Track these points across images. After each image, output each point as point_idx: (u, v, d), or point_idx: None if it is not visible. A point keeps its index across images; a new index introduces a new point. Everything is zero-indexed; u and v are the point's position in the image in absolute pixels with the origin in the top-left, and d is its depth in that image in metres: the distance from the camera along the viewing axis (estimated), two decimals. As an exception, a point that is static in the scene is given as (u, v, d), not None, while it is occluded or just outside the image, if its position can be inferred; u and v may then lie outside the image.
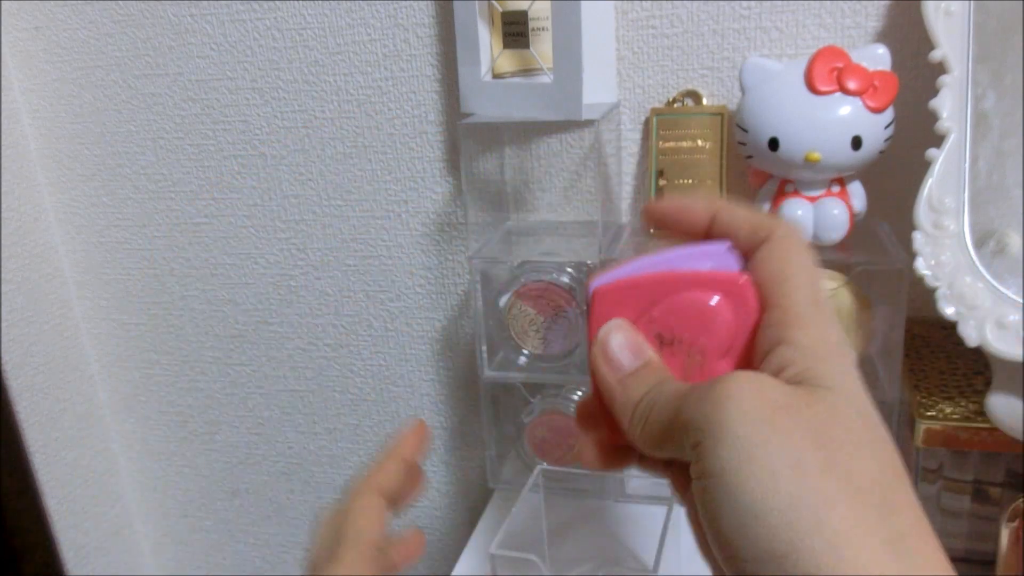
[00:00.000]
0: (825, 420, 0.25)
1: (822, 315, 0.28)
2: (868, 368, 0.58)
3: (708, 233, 0.30)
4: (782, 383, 0.26)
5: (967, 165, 0.48)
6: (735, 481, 0.24)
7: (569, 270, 0.61)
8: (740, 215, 0.29)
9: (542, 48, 0.59)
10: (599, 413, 0.31)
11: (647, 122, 0.64)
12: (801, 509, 0.24)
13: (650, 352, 0.29)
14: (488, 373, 0.63)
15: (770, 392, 0.25)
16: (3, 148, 0.77)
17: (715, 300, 0.28)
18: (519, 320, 0.62)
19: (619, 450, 0.31)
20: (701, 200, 0.30)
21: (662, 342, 0.29)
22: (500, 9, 0.59)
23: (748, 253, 0.29)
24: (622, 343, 0.29)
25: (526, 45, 0.59)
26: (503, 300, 0.62)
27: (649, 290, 0.29)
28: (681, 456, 0.27)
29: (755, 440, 0.24)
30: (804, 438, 0.25)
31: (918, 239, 0.48)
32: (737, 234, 0.29)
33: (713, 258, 0.29)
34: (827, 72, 0.52)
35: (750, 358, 0.28)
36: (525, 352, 0.63)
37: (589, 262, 0.60)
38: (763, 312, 0.28)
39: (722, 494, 0.25)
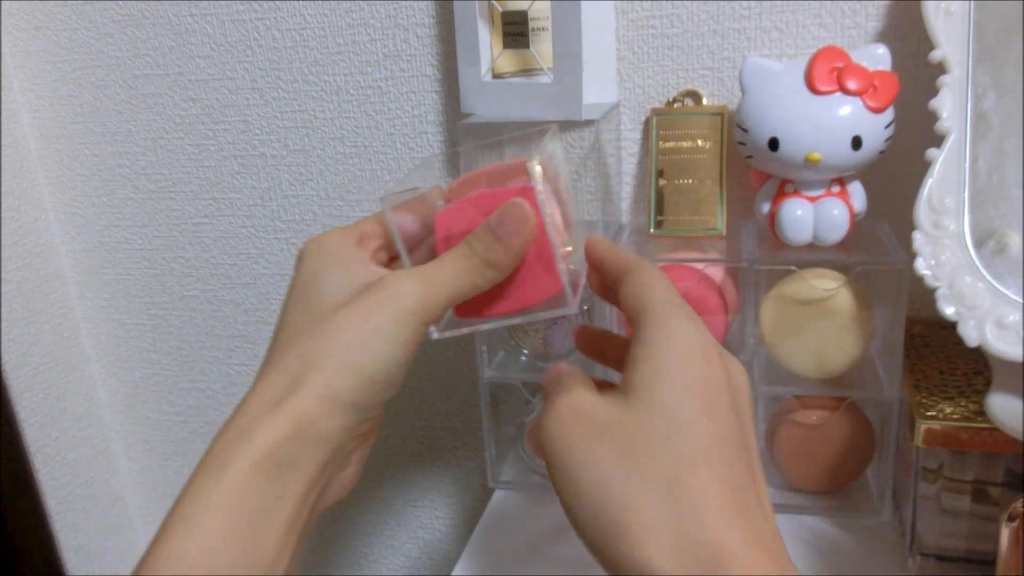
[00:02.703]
0: (630, 433, 0.30)
1: (673, 317, 0.32)
2: (868, 368, 0.58)
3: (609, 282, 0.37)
4: (603, 401, 0.32)
5: (967, 165, 0.48)
6: (561, 495, 0.31)
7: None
8: (611, 256, 0.37)
9: (542, 48, 0.59)
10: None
11: (647, 122, 0.64)
12: (603, 518, 0.29)
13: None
14: (488, 373, 0.63)
15: (587, 417, 0.31)
16: (3, 148, 0.77)
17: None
18: (519, 320, 0.62)
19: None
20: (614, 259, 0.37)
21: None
22: (500, 9, 0.59)
23: (616, 283, 0.35)
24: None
25: (526, 45, 0.59)
26: (503, 300, 0.61)
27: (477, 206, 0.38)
28: None
29: (570, 464, 0.30)
30: (609, 454, 0.30)
31: (918, 239, 0.48)
32: (605, 265, 0.37)
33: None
34: (827, 72, 0.52)
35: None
36: (525, 352, 0.63)
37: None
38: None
39: (560, 499, 0.31)
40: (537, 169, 0.36)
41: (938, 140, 0.49)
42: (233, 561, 0.31)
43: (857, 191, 0.56)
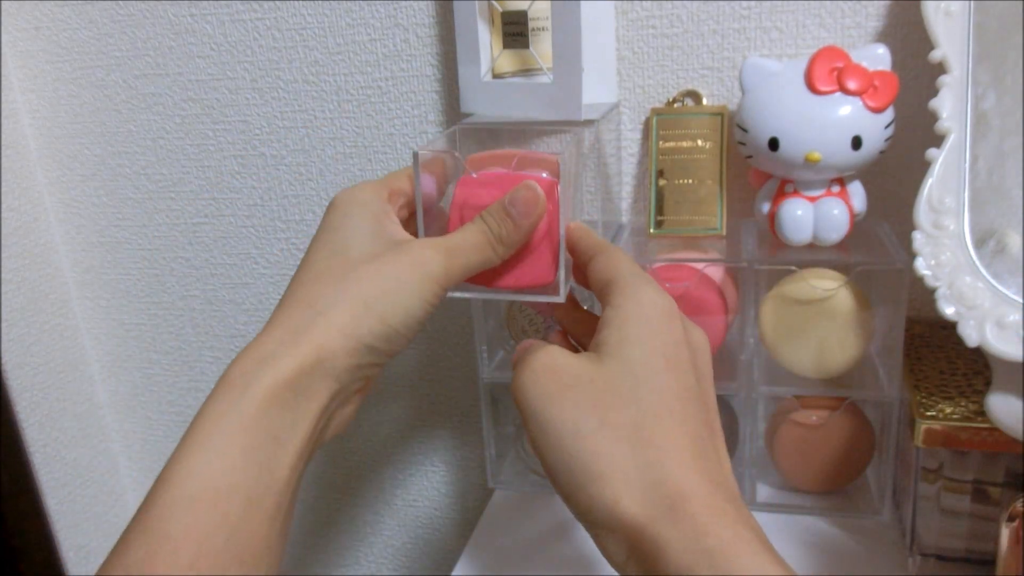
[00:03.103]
0: (600, 387, 0.33)
1: (639, 284, 0.36)
2: (868, 368, 0.58)
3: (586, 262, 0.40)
4: (575, 358, 0.35)
5: (967, 165, 0.48)
6: (536, 445, 0.34)
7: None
8: (583, 239, 0.40)
9: (542, 48, 0.59)
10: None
11: (647, 122, 0.64)
12: (576, 465, 0.32)
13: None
14: (488, 373, 0.63)
15: (561, 372, 0.34)
16: (3, 148, 0.77)
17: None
18: (519, 320, 0.62)
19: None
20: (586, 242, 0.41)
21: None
22: (500, 9, 0.59)
23: (586, 264, 0.39)
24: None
25: (526, 45, 0.59)
26: (503, 300, 0.62)
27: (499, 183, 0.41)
28: None
29: (546, 415, 0.33)
30: (582, 405, 0.33)
31: (918, 239, 0.48)
32: (578, 247, 0.40)
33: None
34: (827, 72, 0.52)
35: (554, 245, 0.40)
36: (525, 352, 0.63)
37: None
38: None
39: (534, 449, 0.34)
40: (564, 164, 0.39)
41: (938, 140, 0.49)
42: (250, 482, 0.33)
43: (857, 191, 0.56)
